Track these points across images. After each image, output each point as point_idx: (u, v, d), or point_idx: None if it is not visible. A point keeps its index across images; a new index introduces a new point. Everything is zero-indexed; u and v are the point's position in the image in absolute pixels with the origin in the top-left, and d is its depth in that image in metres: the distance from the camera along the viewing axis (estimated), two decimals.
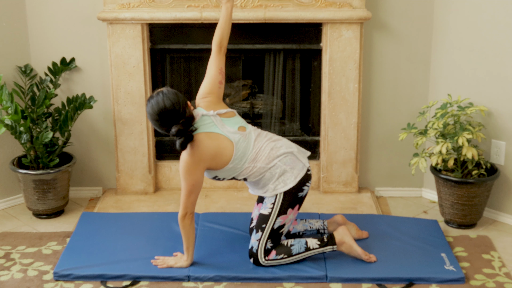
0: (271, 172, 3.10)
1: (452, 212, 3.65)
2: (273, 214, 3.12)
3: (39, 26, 3.90)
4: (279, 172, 3.09)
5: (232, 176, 3.14)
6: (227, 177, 3.14)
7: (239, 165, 3.08)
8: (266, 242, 3.14)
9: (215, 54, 3.24)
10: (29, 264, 3.30)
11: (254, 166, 3.09)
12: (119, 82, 3.90)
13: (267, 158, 3.09)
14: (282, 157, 3.10)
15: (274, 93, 4.19)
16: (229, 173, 3.11)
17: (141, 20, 3.78)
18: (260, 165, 3.09)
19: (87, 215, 3.75)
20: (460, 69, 3.78)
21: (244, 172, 3.11)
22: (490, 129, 3.73)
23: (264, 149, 3.10)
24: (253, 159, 3.09)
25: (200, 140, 3.00)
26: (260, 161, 3.09)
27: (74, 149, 4.06)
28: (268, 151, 3.10)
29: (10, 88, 3.86)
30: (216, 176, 3.14)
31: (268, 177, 3.11)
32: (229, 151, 3.05)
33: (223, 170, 3.09)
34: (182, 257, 3.20)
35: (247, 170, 3.11)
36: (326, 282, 3.10)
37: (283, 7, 3.75)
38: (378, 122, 4.04)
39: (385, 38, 3.88)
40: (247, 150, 3.08)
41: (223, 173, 3.11)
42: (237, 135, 3.08)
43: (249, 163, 3.09)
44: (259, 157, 3.09)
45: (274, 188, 3.11)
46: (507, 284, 3.10)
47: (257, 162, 3.09)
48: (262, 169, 3.10)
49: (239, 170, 3.10)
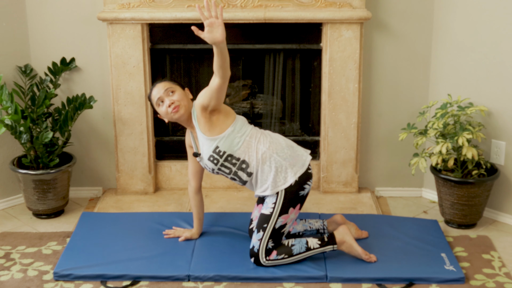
0: (269, 163, 3.09)
1: (452, 212, 3.65)
2: (274, 213, 3.12)
3: (39, 26, 3.90)
4: (276, 166, 3.09)
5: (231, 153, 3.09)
6: (227, 151, 3.09)
7: (239, 134, 3.09)
8: (267, 242, 3.14)
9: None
10: (29, 264, 3.30)
11: (255, 146, 3.11)
12: (119, 82, 3.90)
13: (268, 143, 3.13)
14: (281, 150, 3.12)
15: (274, 93, 4.19)
16: (230, 144, 3.08)
17: (141, 20, 3.78)
18: (261, 147, 3.10)
19: (87, 215, 3.75)
20: (460, 69, 3.78)
21: (243, 147, 3.09)
22: (490, 129, 3.73)
23: (264, 137, 3.15)
24: (254, 136, 3.13)
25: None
26: (261, 143, 3.12)
27: (74, 149, 4.06)
28: (269, 139, 3.15)
29: (10, 88, 3.86)
30: (217, 147, 3.09)
31: (267, 169, 3.10)
32: (232, 115, 3.15)
33: (225, 135, 3.07)
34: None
35: (247, 146, 3.09)
36: (326, 282, 3.10)
37: (283, 7, 3.75)
38: (378, 122, 4.04)
39: (385, 38, 3.88)
40: (244, 125, 3.15)
41: (223, 142, 3.08)
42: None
43: (250, 137, 3.11)
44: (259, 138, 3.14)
45: (275, 185, 3.11)
46: (507, 284, 3.10)
47: (258, 143, 3.11)
48: (262, 152, 3.09)
49: (239, 142, 3.09)
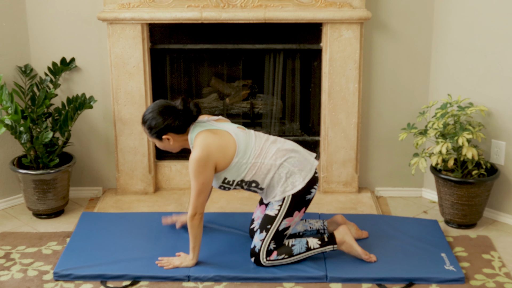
0: (279, 174, 3.09)
1: (452, 212, 3.65)
2: (279, 216, 3.12)
3: (39, 26, 3.90)
4: (286, 174, 3.09)
5: (241, 178, 3.11)
6: (236, 179, 3.11)
7: (244, 159, 3.07)
8: (269, 243, 3.14)
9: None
10: (29, 264, 3.30)
11: (262, 163, 3.08)
12: (119, 82, 3.90)
13: (274, 155, 3.09)
14: (288, 156, 3.10)
15: (274, 93, 4.19)
16: (237, 172, 3.08)
17: (141, 20, 3.78)
18: (268, 162, 3.08)
19: (87, 215, 3.75)
20: (460, 69, 3.78)
21: (251, 170, 3.08)
22: (490, 129, 3.73)
23: (269, 147, 3.11)
24: (259, 154, 3.08)
25: (205, 135, 3.04)
26: (267, 157, 3.09)
27: (74, 149, 4.06)
28: (275, 149, 3.10)
29: (10, 88, 3.86)
30: (225, 178, 3.10)
31: (277, 179, 3.10)
32: (232, 144, 3.06)
33: (230, 168, 3.07)
34: (187, 256, 3.19)
35: (255, 168, 3.08)
36: (326, 282, 3.10)
37: (283, 7, 3.75)
38: (378, 122, 4.04)
39: (385, 38, 3.88)
40: (249, 144, 3.09)
41: (230, 173, 3.08)
42: (237, 130, 3.12)
43: (255, 158, 3.08)
44: (265, 153, 3.09)
45: (283, 191, 3.10)
46: (507, 284, 3.10)
47: (264, 158, 3.08)
48: (270, 166, 3.08)
49: (246, 167, 3.08)
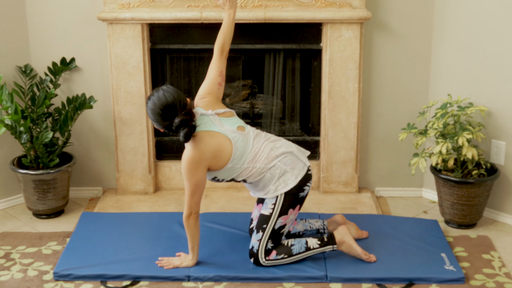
0: (271, 173, 3.10)
1: (452, 212, 3.65)
2: (274, 214, 3.12)
3: (39, 26, 3.90)
4: (279, 173, 3.09)
5: (231, 178, 3.13)
6: (226, 178, 3.14)
7: (238, 165, 3.08)
8: (267, 242, 3.14)
9: (216, 57, 3.27)
10: (29, 264, 3.30)
11: (254, 167, 3.09)
12: (119, 82, 3.90)
13: (266, 159, 3.09)
14: (281, 157, 3.10)
15: (274, 93, 4.19)
16: (228, 174, 3.11)
17: (141, 20, 3.78)
18: (260, 166, 3.09)
19: (87, 215, 3.75)
20: (460, 69, 3.78)
21: (243, 173, 3.11)
22: (490, 129, 3.73)
23: (263, 150, 3.10)
24: (252, 159, 3.08)
25: (201, 138, 3.01)
26: (260, 161, 3.09)
27: (74, 149, 4.06)
28: (268, 152, 3.09)
29: (10, 88, 3.86)
30: (216, 177, 3.13)
31: (268, 178, 3.11)
32: (229, 150, 3.04)
33: (223, 170, 3.08)
34: (187, 256, 3.20)
35: (247, 171, 3.10)
36: (326, 282, 3.10)
37: (283, 7, 3.75)
38: (378, 122, 4.04)
39: (385, 38, 3.88)
40: (245, 150, 3.08)
41: (222, 174, 3.11)
42: (236, 134, 3.08)
43: (248, 163, 3.08)
44: (258, 157, 3.09)
45: (275, 189, 3.11)
46: (507, 284, 3.10)
47: (256, 163, 3.09)
48: (262, 169, 3.09)
49: (238, 171, 3.10)
